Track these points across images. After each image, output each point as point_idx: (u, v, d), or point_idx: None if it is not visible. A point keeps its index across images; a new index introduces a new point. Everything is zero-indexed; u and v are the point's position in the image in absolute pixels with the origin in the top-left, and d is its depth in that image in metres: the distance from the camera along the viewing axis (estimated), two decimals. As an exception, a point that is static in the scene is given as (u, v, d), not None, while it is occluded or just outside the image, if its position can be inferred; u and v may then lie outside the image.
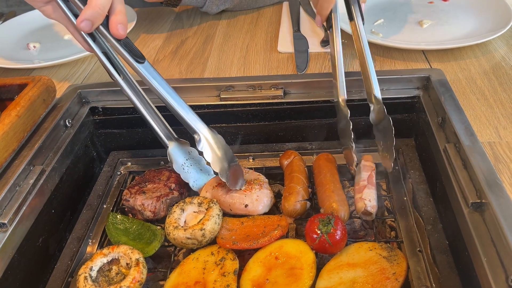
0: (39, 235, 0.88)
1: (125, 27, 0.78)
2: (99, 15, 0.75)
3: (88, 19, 0.75)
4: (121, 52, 0.80)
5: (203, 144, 0.86)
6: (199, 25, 1.45)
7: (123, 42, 0.79)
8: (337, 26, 0.97)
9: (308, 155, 1.02)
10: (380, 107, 0.88)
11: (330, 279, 0.74)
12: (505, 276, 0.59)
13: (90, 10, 0.74)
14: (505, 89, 0.96)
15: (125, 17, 0.79)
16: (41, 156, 0.92)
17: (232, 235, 0.83)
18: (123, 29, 0.78)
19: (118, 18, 0.77)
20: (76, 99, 1.07)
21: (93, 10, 0.74)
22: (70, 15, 0.80)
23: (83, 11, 0.75)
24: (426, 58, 1.11)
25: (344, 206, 0.83)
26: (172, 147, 0.91)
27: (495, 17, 1.20)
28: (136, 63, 0.81)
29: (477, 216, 0.69)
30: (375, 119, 0.90)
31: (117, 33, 0.77)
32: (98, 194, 1.00)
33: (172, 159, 0.91)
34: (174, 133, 0.92)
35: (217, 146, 0.87)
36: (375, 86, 0.89)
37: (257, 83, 1.04)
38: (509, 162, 0.76)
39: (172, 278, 0.79)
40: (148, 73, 0.82)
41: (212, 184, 0.92)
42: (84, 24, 0.75)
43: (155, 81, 0.83)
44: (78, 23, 0.76)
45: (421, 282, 0.74)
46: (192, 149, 0.93)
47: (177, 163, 0.92)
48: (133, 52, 0.80)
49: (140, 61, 0.81)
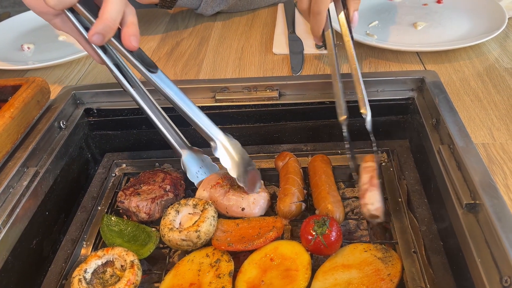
0: (33, 237, 0.87)
1: (137, 39, 0.78)
2: (110, 28, 0.74)
3: (100, 32, 0.74)
4: (133, 63, 0.79)
5: (220, 150, 0.85)
6: (194, 26, 1.45)
7: (135, 53, 0.79)
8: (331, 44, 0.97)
9: (303, 157, 1.03)
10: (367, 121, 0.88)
11: (325, 281, 0.74)
12: (499, 277, 0.60)
13: (102, 24, 0.73)
14: (499, 91, 0.96)
15: (137, 28, 0.78)
16: (35, 158, 0.91)
17: (227, 237, 0.83)
18: (136, 41, 0.77)
19: (130, 30, 0.77)
20: (71, 101, 1.06)
21: (105, 23, 0.73)
22: (80, 28, 0.79)
23: (94, 24, 0.74)
24: (420, 59, 1.11)
25: (339, 208, 0.83)
26: (185, 155, 0.92)
27: (489, 19, 1.21)
28: (149, 73, 0.81)
29: (471, 217, 0.69)
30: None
31: (130, 45, 0.77)
32: (93, 196, 0.99)
33: (186, 167, 0.92)
34: (187, 142, 0.92)
35: (234, 152, 0.87)
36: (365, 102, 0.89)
37: (252, 85, 1.04)
38: (503, 164, 0.77)
39: (167, 280, 0.79)
40: (162, 82, 0.82)
41: (210, 183, 0.92)
42: (96, 37, 0.74)
43: (169, 89, 0.82)
44: (89, 37, 0.75)
45: (416, 283, 0.75)
46: (205, 156, 0.94)
47: (191, 172, 0.93)
48: (145, 62, 0.80)
49: (153, 70, 0.81)
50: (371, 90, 1.01)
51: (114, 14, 0.74)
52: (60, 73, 1.22)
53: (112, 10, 0.73)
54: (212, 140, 0.85)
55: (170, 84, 0.83)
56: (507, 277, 0.58)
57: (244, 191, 0.88)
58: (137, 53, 0.79)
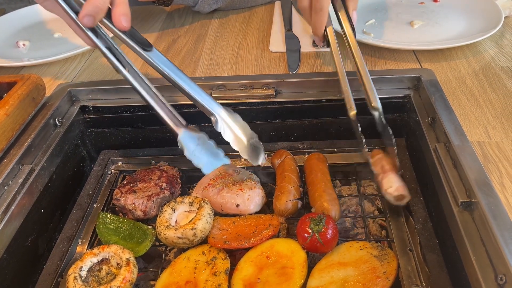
0: (28, 235, 0.87)
1: (128, 19, 0.77)
2: (99, 9, 0.74)
3: (90, 14, 0.74)
4: (127, 42, 0.79)
5: (221, 125, 0.85)
6: (191, 24, 1.44)
7: (129, 33, 0.79)
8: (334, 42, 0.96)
9: (299, 155, 1.03)
10: (378, 115, 0.87)
11: (321, 278, 0.74)
12: (494, 275, 0.60)
13: (91, 5, 0.73)
14: (495, 90, 0.97)
15: (127, 7, 0.77)
16: (30, 155, 0.91)
17: (224, 235, 0.83)
18: (127, 21, 0.77)
19: (120, 9, 0.76)
20: (66, 98, 1.06)
21: (93, 4, 0.73)
22: (70, 11, 0.78)
23: (83, 6, 0.74)
24: (417, 58, 1.12)
25: (335, 206, 0.83)
26: (182, 134, 0.91)
27: (485, 18, 1.21)
28: (144, 51, 0.81)
29: (467, 215, 0.69)
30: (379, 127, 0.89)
31: (121, 25, 0.76)
32: (89, 194, 0.99)
33: (183, 146, 0.91)
34: (182, 121, 0.91)
35: (235, 125, 0.87)
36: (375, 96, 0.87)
37: (249, 83, 1.03)
38: (498, 162, 0.77)
39: (163, 278, 0.78)
40: (158, 60, 0.82)
41: (202, 186, 0.92)
42: (86, 19, 0.74)
43: (165, 67, 0.82)
44: (80, 19, 0.75)
45: (412, 281, 0.75)
46: (202, 134, 0.93)
47: (188, 150, 0.92)
48: (140, 41, 0.80)
49: (148, 49, 0.81)
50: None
51: None
52: (56, 70, 1.21)
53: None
54: (212, 114, 0.85)
55: (167, 62, 0.83)
56: (502, 275, 0.59)
57: (239, 188, 0.88)
58: (130, 32, 0.79)
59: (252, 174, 0.94)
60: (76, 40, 1.32)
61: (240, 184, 0.90)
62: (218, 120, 0.85)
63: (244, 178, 0.92)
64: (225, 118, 0.86)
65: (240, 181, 0.91)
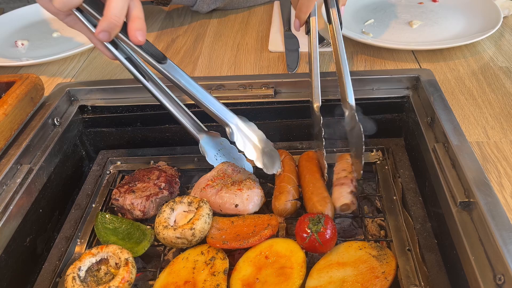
0: (27, 235, 0.87)
1: (144, 33, 0.78)
2: (115, 25, 0.75)
3: (105, 30, 0.75)
4: (142, 55, 0.81)
5: (236, 135, 0.88)
6: (190, 24, 1.44)
7: (144, 46, 0.80)
8: (315, 30, 0.96)
9: (298, 154, 1.02)
10: (353, 113, 0.87)
11: (320, 278, 0.74)
12: (493, 275, 0.60)
13: (106, 22, 0.75)
14: (493, 90, 0.97)
15: (143, 22, 0.79)
16: (29, 155, 0.91)
17: (222, 235, 0.83)
18: (142, 35, 0.78)
19: (135, 25, 0.77)
20: (65, 98, 1.06)
21: (109, 21, 0.74)
22: (89, 26, 0.79)
23: (99, 22, 0.75)
24: (415, 58, 1.12)
25: (325, 204, 0.83)
26: (203, 139, 0.93)
27: (484, 18, 1.21)
28: (159, 64, 0.82)
29: (465, 215, 0.69)
30: (349, 125, 0.90)
31: (136, 40, 0.77)
32: (87, 194, 0.99)
33: (204, 151, 0.94)
34: (203, 126, 0.93)
35: (250, 135, 0.89)
36: (349, 92, 0.88)
37: (248, 82, 1.03)
38: (497, 162, 0.77)
39: (162, 278, 0.78)
40: (172, 72, 0.84)
41: (200, 186, 0.92)
42: (102, 35, 0.76)
43: (180, 79, 0.84)
44: (96, 35, 0.76)
45: (410, 281, 0.75)
46: (223, 139, 0.95)
47: (209, 155, 0.95)
48: (154, 54, 0.81)
49: (163, 61, 0.82)
50: (366, 88, 1.01)
51: (117, 11, 0.74)
52: (54, 70, 1.21)
53: (115, 7, 0.74)
54: (227, 125, 0.88)
55: (181, 73, 0.85)
56: (500, 275, 0.59)
57: (238, 188, 0.88)
58: (145, 46, 0.80)
59: (251, 174, 0.94)
60: (74, 39, 1.32)
61: (239, 184, 0.90)
62: (233, 130, 0.88)
63: (243, 178, 0.92)
64: (241, 127, 0.89)
65: (239, 181, 0.91)
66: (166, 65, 0.83)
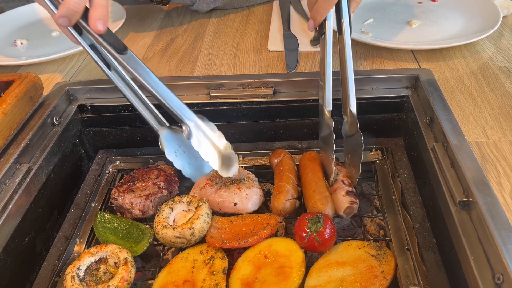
0: (26, 234, 0.87)
1: (104, 22, 0.77)
2: (74, 12, 0.75)
3: (64, 15, 0.75)
4: (102, 44, 0.79)
5: (193, 134, 0.85)
6: (189, 23, 1.44)
7: (104, 35, 0.78)
8: (329, 34, 0.95)
9: (298, 154, 1.02)
10: (354, 121, 0.86)
11: (319, 278, 0.74)
12: (492, 274, 0.60)
13: (65, 8, 0.74)
14: (492, 89, 0.97)
15: (105, 10, 0.77)
16: (28, 154, 0.91)
17: (222, 234, 0.83)
18: (102, 24, 0.76)
19: (96, 13, 0.76)
20: (64, 97, 1.05)
21: (67, 7, 0.74)
22: (53, 8, 0.79)
23: (59, 7, 0.75)
24: (415, 57, 1.12)
25: (327, 204, 0.83)
26: (163, 134, 0.90)
27: (483, 18, 1.21)
28: (118, 54, 0.80)
29: (464, 214, 0.69)
30: (347, 132, 0.89)
31: (96, 29, 0.76)
32: (86, 193, 0.99)
33: (163, 146, 0.91)
34: (165, 121, 0.91)
35: (209, 134, 0.86)
36: (352, 100, 0.87)
37: (247, 82, 1.03)
38: (496, 161, 0.77)
39: (161, 277, 0.78)
40: (133, 64, 0.81)
41: (199, 185, 0.92)
42: (62, 20, 0.75)
43: (140, 71, 0.82)
44: (55, 19, 0.76)
45: (409, 280, 0.75)
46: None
47: (169, 150, 0.92)
48: (114, 44, 0.79)
49: (123, 52, 0.80)
50: (365, 87, 1.01)
51: None
52: (53, 69, 1.21)
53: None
54: (184, 123, 0.85)
55: (142, 66, 0.82)
56: (499, 274, 0.59)
57: (237, 187, 0.88)
58: (106, 35, 0.78)
59: (250, 173, 0.94)
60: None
61: (238, 183, 0.90)
62: (190, 128, 0.85)
63: (242, 177, 0.92)
64: (199, 126, 0.86)
65: (238, 180, 0.91)
66: (127, 56, 0.81)
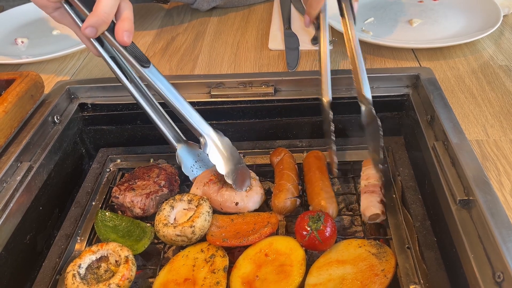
0: (27, 232, 0.87)
1: (130, 35, 0.78)
2: (103, 22, 0.75)
3: (92, 26, 0.75)
4: (126, 57, 0.80)
5: (209, 147, 0.86)
6: (190, 22, 1.44)
7: (129, 48, 0.79)
8: (325, 26, 0.96)
9: (298, 153, 1.03)
10: (370, 107, 0.87)
11: (319, 276, 0.74)
12: (492, 273, 0.60)
13: (95, 18, 0.74)
14: (493, 88, 0.97)
15: (132, 24, 0.78)
16: (29, 153, 0.91)
17: (222, 232, 0.83)
18: (129, 36, 0.77)
19: (124, 25, 0.77)
20: (65, 95, 1.06)
21: (98, 17, 0.74)
22: (77, 20, 0.79)
23: (88, 17, 0.75)
24: (415, 56, 1.12)
25: (332, 204, 0.83)
26: (180, 149, 0.92)
27: (484, 17, 1.21)
28: (141, 67, 0.81)
29: (465, 213, 0.70)
30: (366, 120, 0.90)
31: (122, 40, 0.77)
32: (87, 191, 0.99)
33: (180, 160, 0.93)
34: (183, 136, 0.93)
35: (223, 148, 0.88)
36: (365, 86, 0.88)
37: (248, 80, 1.03)
38: (496, 160, 0.77)
39: (162, 275, 0.79)
40: (154, 77, 0.82)
41: (202, 181, 0.92)
42: (89, 30, 0.76)
43: (161, 84, 0.83)
44: (82, 30, 0.76)
45: (410, 279, 0.75)
46: (201, 151, 0.94)
47: (185, 165, 0.94)
48: (138, 57, 0.80)
49: (146, 65, 0.81)
50: (366, 86, 1.01)
51: (108, 8, 0.74)
52: (54, 67, 1.21)
53: (106, 4, 0.74)
54: (201, 136, 0.86)
55: (162, 79, 0.83)
56: (500, 273, 0.59)
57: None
58: (130, 47, 0.79)
59: (251, 172, 0.94)
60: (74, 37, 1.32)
61: (239, 182, 0.90)
62: (207, 141, 0.86)
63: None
64: (215, 140, 0.87)
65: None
66: (149, 69, 0.82)
